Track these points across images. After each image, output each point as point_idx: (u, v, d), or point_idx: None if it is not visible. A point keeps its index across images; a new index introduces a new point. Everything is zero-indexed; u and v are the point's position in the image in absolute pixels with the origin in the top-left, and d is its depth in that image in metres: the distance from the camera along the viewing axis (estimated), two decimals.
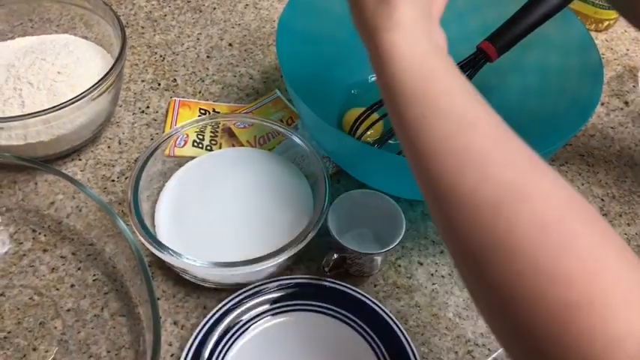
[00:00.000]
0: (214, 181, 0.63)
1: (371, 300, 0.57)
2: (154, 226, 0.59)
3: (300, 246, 0.55)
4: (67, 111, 0.61)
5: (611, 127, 0.77)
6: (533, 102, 0.69)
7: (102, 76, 0.63)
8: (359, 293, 0.58)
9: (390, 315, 0.56)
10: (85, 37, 0.75)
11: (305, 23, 0.67)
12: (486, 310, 0.36)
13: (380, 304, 0.57)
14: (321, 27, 0.69)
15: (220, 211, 0.60)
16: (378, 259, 0.58)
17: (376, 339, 0.56)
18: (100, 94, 0.63)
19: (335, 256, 0.57)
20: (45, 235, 0.62)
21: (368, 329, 0.56)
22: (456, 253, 0.37)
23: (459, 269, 0.38)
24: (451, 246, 0.38)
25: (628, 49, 0.87)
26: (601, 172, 0.72)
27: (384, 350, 0.55)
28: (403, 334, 0.55)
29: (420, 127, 0.39)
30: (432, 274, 0.62)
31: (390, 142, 0.67)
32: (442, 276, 0.62)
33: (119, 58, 0.64)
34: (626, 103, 0.80)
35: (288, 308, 0.57)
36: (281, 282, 0.58)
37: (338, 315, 0.57)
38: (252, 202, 0.62)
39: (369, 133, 0.67)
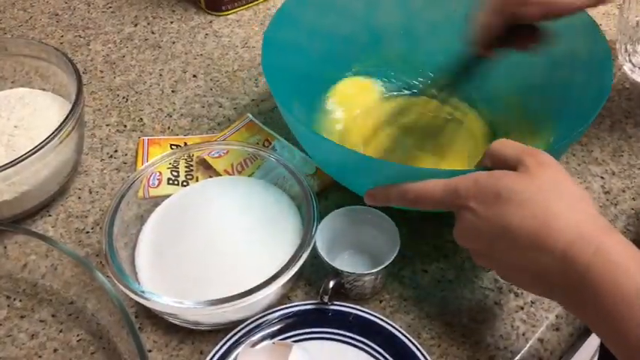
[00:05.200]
0: (194, 217, 0.59)
1: (378, 317, 0.53)
2: (135, 273, 0.55)
3: (293, 271, 0.51)
4: (28, 164, 0.57)
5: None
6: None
7: None
8: (365, 312, 0.54)
9: (401, 330, 0.52)
10: (43, 89, 0.72)
11: (292, 36, 0.65)
12: None
13: (388, 321, 0.53)
14: (307, 40, 0.68)
15: (204, 248, 0.56)
16: (379, 276, 0.54)
17: (390, 359, 0.51)
18: (61, 142, 0.59)
19: (332, 282, 0.53)
20: (20, 301, 0.58)
21: (380, 349, 0.52)
22: None
23: None
24: None
25: (601, 24, 0.84)
26: (596, 150, 0.69)
27: None
28: (418, 348, 0.51)
29: None
30: (439, 281, 0.58)
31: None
32: (450, 281, 0.58)
33: (76, 102, 0.61)
34: None
35: (292, 339, 0.53)
36: (280, 312, 0.54)
37: (346, 339, 0.53)
38: (238, 233, 0.57)
39: None
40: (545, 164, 0.44)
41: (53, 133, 0.58)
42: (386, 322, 0.53)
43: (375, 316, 0.53)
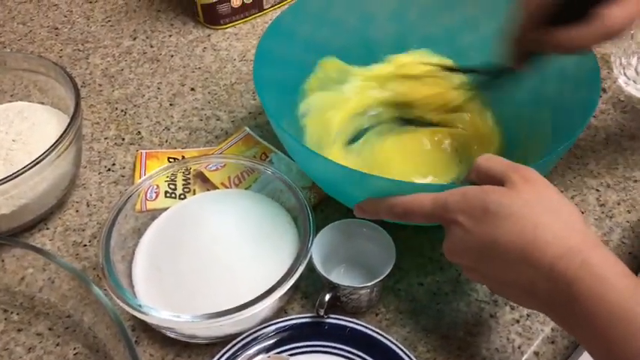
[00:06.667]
0: (191, 230, 0.59)
1: (374, 331, 0.53)
2: (132, 286, 0.55)
3: (289, 284, 0.51)
4: (27, 177, 0.58)
5: (594, 116, 0.75)
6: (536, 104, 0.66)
7: None
8: (361, 325, 0.54)
9: (397, 344, 0.52)
10: (42, 103, 0.72)
11: (283, 50, 0.65)
12: None
13: (384, 334, 0.53)
14: (297, 54, 0.68)
15: (201, 261, 0.56)
16: (375, 290, 0.55)
17: None
18: (59, 156, 0.60)
19: (327, 296, 0.53)
20: (18, 314, 0.58)
21: None
22: None
23: None
24: None
25: None
26: (591, 163, 0.70)
27: None
28: None
29: None
30: (435, 294, 0.58)
31: None
32: (446, 293, 0.58)
33: (74, 116, 0.61)
34: (604, 90, 0.78)
35: (288, 352, 0.53)
36: (276, 325, 0.54)
37: (342, 352, 0.53)
38: (235, 246, 0.58)
39: None
40: (532, 180, 0.44)
41: (51, 147, 0.59)
42: (382, 336, 0.53)
43: (371, 330, 0.53)
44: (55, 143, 0.59)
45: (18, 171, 0.57)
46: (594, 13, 0.49)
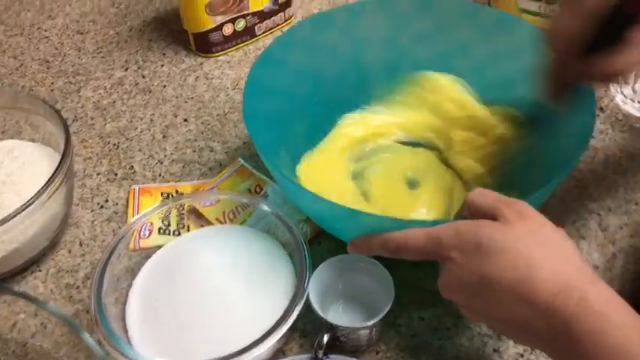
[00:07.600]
0: (186, 268, 0.58)
1: None
2: (126, 331, 0.54)
3: (286, 326, 0.50)
4: (17, 222, 0.56)
5: (592, 136, 0.74)
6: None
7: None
8: None
9: None
10: (33, 140, 0.71)
11: (273, 82, 0.64)
12: None
13: None
14: (288, 86, 0.67)
15: (196, 303, 0.55)
16: (374, 329, 0.53)
17: None
18: (49, 197, 0.59)
19: (326, 337, 0.52)
20: None
21: None
22: None
23: None
24: None
25: None
26: (591, 186, 0.68)
27: None
28: None
29: None
30: (436, 328, 0.57)
31: None
32: (447, 328, 0.57)
33: (64, 155, 0.60)
34: (602, 109, 0.77)
35: None
36: None
37: None
38: (231, 287, 0.56)
39: None
40: (525, 214, 0.43)
41: (41, 189, 0.57)
42: None
43: None
44: (45, 185, 0.58)
45: (7, 216, 0.56)
46: (628, 39, 0.48)
